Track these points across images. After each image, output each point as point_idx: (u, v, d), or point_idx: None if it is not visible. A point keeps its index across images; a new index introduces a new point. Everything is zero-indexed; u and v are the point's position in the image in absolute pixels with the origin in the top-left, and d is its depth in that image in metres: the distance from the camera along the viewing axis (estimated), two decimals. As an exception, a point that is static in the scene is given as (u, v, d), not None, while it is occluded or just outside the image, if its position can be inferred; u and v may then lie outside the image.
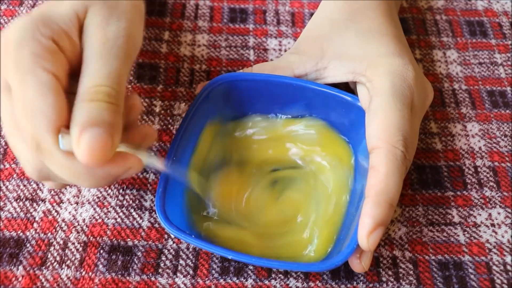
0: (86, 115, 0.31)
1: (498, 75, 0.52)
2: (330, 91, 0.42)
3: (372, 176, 0.36)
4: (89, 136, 0.30)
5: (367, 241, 0.35)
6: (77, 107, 0.31)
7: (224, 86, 0.42)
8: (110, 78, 0.32)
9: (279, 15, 0.55)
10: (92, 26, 0.34)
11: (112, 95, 0.32)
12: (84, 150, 0.30)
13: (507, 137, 0.47)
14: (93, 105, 0.31)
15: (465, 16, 0.56)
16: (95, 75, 0.32)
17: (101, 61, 0.32)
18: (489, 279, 0.40)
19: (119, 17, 0.34)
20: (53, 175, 0.34)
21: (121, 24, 0.34)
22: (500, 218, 0.43)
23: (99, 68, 0.32)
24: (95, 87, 0.31)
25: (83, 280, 0.39)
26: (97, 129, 0.30)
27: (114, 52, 0.33)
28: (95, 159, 0.30)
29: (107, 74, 0.32)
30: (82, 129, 0.30)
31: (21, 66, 0.31)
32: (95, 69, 0.32)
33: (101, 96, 0.31)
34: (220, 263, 0.40)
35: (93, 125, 0.30)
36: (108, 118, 0.31)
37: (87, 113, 0.31)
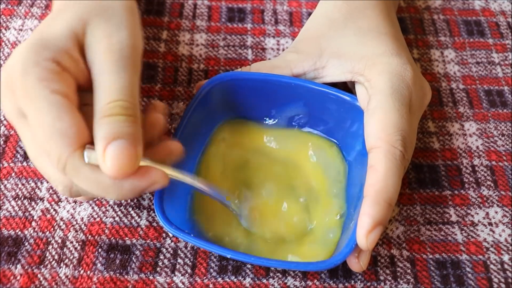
0: (107, 130, 0.32)
1: (496, 75, 0.52)
2: (328, 90, 0.42)
3: (371, 176, 0.36)
4: (113, 149, 0.31)
5: (366, 240, 0.35)
6: (97, 124, 0.32)
7: (222, 85, 0.42)
8: (123, 92, 0.33)
9: (277, 14, 0.55)
10: (94, 42, 0.34)
11: (128, 108, 0.32)
12: (110, 162, 0.31)
13: (504, 136, 0.48)
14: (112, 119, 0.32)
15: (463, 16, 0.56)
16: (108, 91, 0.33)
17: (111, 75, 0.33)
18: (487, 278, 0.40)
19: (119, 27, 0.35)
20: (83, 191, 0.35)
21: (122, 34, 0.34)
22: (498, 217, 0.43)
23: (111, 84, 0.33)
24: (111, 103, 0.32)
25: (81, 278, 0.39)
26: (119, 141, 0.31)
27: (122, 64, 0.33)
28: (121, 170, 0.31)
29: (120, 88, 0.33)
30: (106, 144, 0.31)
31: (31, 93, 0.32)
32: (107, 85, 0.33)
33: (117, 110, 0.32)
34: (218, 261, 0.40)
35: (115, 138, 0.31)
36: (127, 129, 0.32)
37: (108, 128, 0.32)
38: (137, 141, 0.32)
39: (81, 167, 0.32)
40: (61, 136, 0.32)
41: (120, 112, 0.32)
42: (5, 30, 0.51)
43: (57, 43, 0.33)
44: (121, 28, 0.35)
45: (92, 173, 0.32)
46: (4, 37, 0.51)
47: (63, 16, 0.35)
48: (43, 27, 0.35)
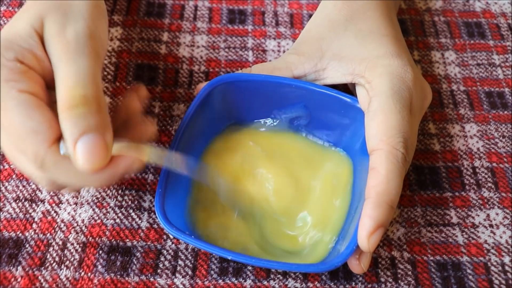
0: (72, 126, 0.32)
1: (496, 76, 0.52)
2: (329, 92, 0.42)
3: (372, 178, 0.36)
4: (82, 145, 0.31)
5: (368, 242, 0.35)
6: (61, 118, 0.32)
7: (223, 87, 0.42)
8: (82, 80, 0.33)
9: (277, 16, 0.55)
10: (51, 35, 0.34)
11: (88, 96, 0.32)
12: (82, 159, 0.31)
13: (505, 138, 0.48)
14: (74, 113, 0.32)
15: (463, 18, 0.56)
16: (66, 79, 0.33)
17: (67, 64, 0.33)
18: (488, 279, 0.40)
19: (76, 19, 0.35)
20: (65, 183, 0.35)
21: (78, 24, 0.35)
22: (498, 219, 0.43)
23: (68, 71, 0.33)
24: (69, 92, 0.32)
25: (82, 280, 0.39)
26: (87, 136, 0.31)
27: (77, 52, 0.33)
28: (95, 163, 0.32)
29: (77, 76, 0.33)
30: (74, 141, 0.31)
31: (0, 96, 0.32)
32: (64, 73, 0.33)
33: (78, 100, 0.32)
34: (219, 263, 0.40)
35: (82, 133, 0.31)
36: (92, 121, 0.32)
37: (72, 123, 0.32)
38: (105, 130, 0.32)
39: (58, 162, 0.32)
40: (33, 134, 0.32)
41: (81, 102, 0.32)
42: (6, 32, 0.51)
43: (20, 42, 0.34)
44: (77, 20, 0.35)
45: (70, 165, 0.32)
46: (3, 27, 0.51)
47: (24, 15, 0.35)
48: (6, 28, 0.36)
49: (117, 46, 0.51)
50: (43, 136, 0.32)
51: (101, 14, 0.38)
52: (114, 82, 0.49)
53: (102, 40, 0.36)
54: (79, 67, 0.33)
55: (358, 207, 0.38)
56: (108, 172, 0.33)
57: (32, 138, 0.32)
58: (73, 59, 0.33)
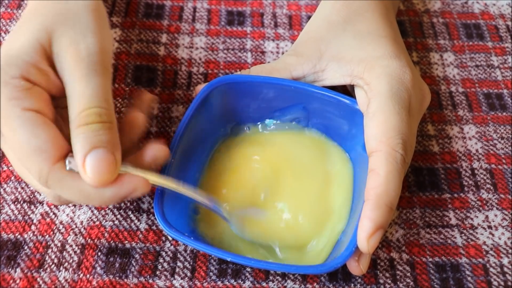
0: (83, 140, 0.32)
1: (495, 78, 0.52)
2: (328, 93, 0.42)
3: (372, 179, 0.36)
4: (91, 159, 0.32)
5: (367, 244, 0.35)
6: (73, 134, 0.32)
7: (222, 89, 0.42)
8: (96, 98, 0.33)
9: (276, 17, 0.55)
10: (61, 51, 0.34)
11: (102, 114, 0.33)
12: (90, 172, 0.32)
13: (504, 139, 0.48)
14: (87, 129, 0.32)
15: (462, 19, 0.57)
16: (81, 99, 0.33)
17: (81, 83, 0.33)
18: (486, 281, 0.40)
19: (85, 33, 0.35)
20: (69, 199, 0.35)
21: (88, 39, 0.35)
22: (497, 220, 0.43)
23: (83, 91, 0.33)
24: (84, 111, 0.32)
25: (80, 282, 0.39)
26: (97, 151, 0.32)
27: (91, 70, 0.34)
28: (102, 178, 0.32)
29: (92, 94, 0.33)
30: (84, 154, 0.32)
31: (3, 114, 0.32)
32: (79, 93, 0.33)
33: (92, 118, 0.32)
34: (218, 265, 0.40)
35: (93, 148, 0.32)
36: (104, 137, 0.32)
37: (84, 138, 0.32)
38: (115, 148, 0.33)
39: (62, 179, 0.33)
40: (37, 153, 0.32)
41: (95, 120, 0.32)
42: (4, 34, 0.51)
43: (24, 57, 0.34)
44: (87, 34, 0.35)
45: (74, 183, 0.33)
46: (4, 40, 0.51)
47: (27, 28, 0.35)
48: (8, 43, 0.35)
49: (115, 48, 0.51)
50: (47, 155, 0.32)
51: (105, 25, 0.38)
52: (113, 84, 0.49)
53: (109, 52, 0.36)
54: (94, 85, 0.33)
55: (358, 209, 0.38)
56: (113, 190, 0.33)
57: (36, 156, 0.32)
58: (88, 76, 0.33)
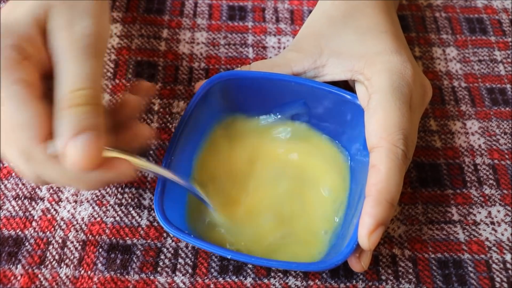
0: (71, 122, 0.31)
1: (498, 73, 0.51)
2: (329, 89, 0.41)
3: (372, 175, 0.36)
4: (77, 142, 0.30)
5: (368, 240, 0.34)
6: (60, 115, 0.31)
7: (223, 84, 0.42)
8: (88, 80, 0.32)
9: (278, 12, 0.55)
10: (56, 29, 0.33)
11: (92, 96, 0.32)
12: (72, 157, 0.31)
13: (507, 134, 0.47)
14: (74, 111, 0.31)
15: (465, 13, 0.56)
16: (71, 78, 0.32)
17: (74, 63, 0.32)
18: (489, 277, 0.40)
19: (82, 16, 0.34)
20: (49, 180, 0.34)
21: (85, 22, 0.34)
22: (500, 216, 0.43)
23: (74, 71, 0.32)
24: (74, 92, 0.31)
25: (82, 279, 0.39)
26: (85, 135, 0.31)
27: (85, 52, 0.33)
28: (84, 164, 0.31)
29: (83, 75, 0.32)
30: (69, 137, 0.30)
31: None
32: (69, 72, 0.32)
33: (82, 99, 0.31)
34: (219, 261, 0.40)
35: (81, 130, 0.31)
36: (92, 121, 0.31)
37: (71, 120, 0.31)
38: (101, 133, 0.32)
39: (44, 160, 0.32)
40: (23, 128, 0.31)
41: (85, 102, 0.31)
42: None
43: (20, 29, 0.33)
44: (84, 16, 0.34)
45: (56, 166, 0.32)
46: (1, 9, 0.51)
47: (25, 3, 0.34)
48: (5, 12, 0.34)
49: (116, 43, 0.51)
50: (32, 132, 0.31)
51: (105, 11, 0.37)
52: (113, 79, 0.48)
53: (105, 37, 0.36)
54: (85, 68, 0.32)
55: (358, 204, 0.37)
56: (97, 175, 0.33)
57: (22, 132, 0.31)
58: (80, 58, 0.32)
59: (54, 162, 0.32)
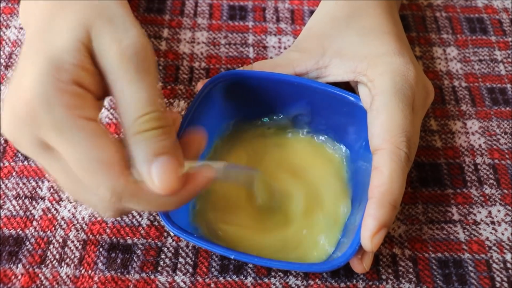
0: (146, 148, 0.30)
1: (498, 72, 0.52)
2: (331, 90, 0.41)
3: (375, 177, 0.36)
4: (157, 168, 0.30)
5: (371, 242, 0.35)
6: (133, 141, 0.30)
7: (224, 84, 0.42)
8: (151, 102, 0.30)
9: (278, 12, 0.55)
10: (104, 48, 0.31)
11: (160, 118, 0.30)
12: (158, 182, 0.30)
13: (507, 134, 0.47)
14: (148, 135, 0.30)
15: (465, 13, 0.56)
16: (135, 103, 0.30)
17: (133, 85, 0.30)
18: (489, 277, 0.40)
19: (124, 28, 0.32)
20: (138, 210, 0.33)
21: (130, 35, 0.31)
22: (500, 216, 0.43)
23: (136, 94, 0.30)
24: (141, 118, 0.30)
25: (82, 278, 0.39)
26: (162, 158, 0.30)
27: (140, 70, 0.31)
28: (172, 186, 0.30)
29: (146, 98, 0.30)
30: (149, 164, 0.30)
31: (60, 125, 0.29)
32: (132, 96, 0.30)
33: (151, 124, 0.30)
34: (220, 261, 0.40)
35: (157, 155, 0.30)
36: (166, 143, 0.30)
37: (146, 146, 0.30)
38: (178, 152, 0.31)
39: (138, 192, 0.31)
40: (108, 167, 0.30)
41: (154, 126, 0.30)
42: (5, 29, 0.51)
43: (70, 60, 0.30)
44: (127, 29, 0.31)
45: (150, 193, 0.31)
46: (5, 35, 0.51)
47: (60, 25, 0.31)
48: (44, 44, 0.31)
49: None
50: (118, 168, 0.30)
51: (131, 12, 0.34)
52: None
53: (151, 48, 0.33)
54: (146, 87, 0.30)
55: (361, 206, 0.37)
56: (185, 192, 0.32)
57: (108, 172, 0.30)
58: (138, 77, 0.30)
59: (147, 191, 0.31)
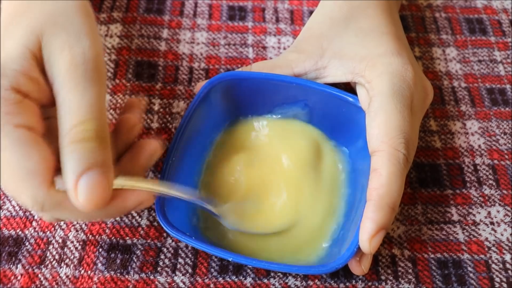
0: (76, 160, 0.29)
1: (498, 73, 0.52)
2: (330, 90, 0.41)
3: (374, 179, 0.36)
4: (84, 183, 0.29)
5: (369, 245, 0.35)
6: (64, 151, 0.30)
7: (224, 85, 0.42)
8: (92, 110, 0.30)
9: (278, 12, 0.55)
10: (53, 55, 0.31)
11: (96, 129, 0.30)
12: (82, 196, 0.29)
13: (506, 135, 0.47)
14: (79, 147, 0.30)
15: (465, 14, 0.56)
16: (74, 111, 0.30)
17: (76, 93, 0.30)
18: (488, 277, 0.40)
19: (78, 36, 0.31)
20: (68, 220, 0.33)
21: (83, 43, 0.31)
22: (499, 216, 0.43)
23: (77, 102, 0.30)
24: (77, 126, 0.30)
25: (82, 278, 0.39)
26: (91, 173, 0.29)
27: (87, 78, 0.30)
28: (96, 202, 0.30)
29: (87, 107, 0.30)
30: (76, 176, 0.29)
31: None
32: (72, 104, 0.30)
33: (86, 134, 0.30)
34: (219, 261, 0.40)
35: (86, 169, 0.29)
36: (98, 157, 0.30)
37: (77, 157, 0.29)
38: (109, 168, 0.30)
39: (60, 203, 0.30)
40: (31, 176, 0.29)
41: (89, 137, 0.30)
42: None
43: (14, 66, 0.30)
44: (81, 37, 0.31)
45: (71, 205, 0.30)
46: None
47: (13, 33, 0.32)
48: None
49: (116, 43, 0.51)
50: (41, 178, 0.30)
51: (95, 26, 0.34)
52: (113, 80, 0.48)
53: (103, 58, 0.33)
54: (89, 98, 0.30)
55: (359, 208, 0.37)
56: (113, 209, 0.32)
57: (30, 181, 0.30)
58: (83, 87, 0.30)
59: (69, 203, 0.30)
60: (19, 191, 0.30)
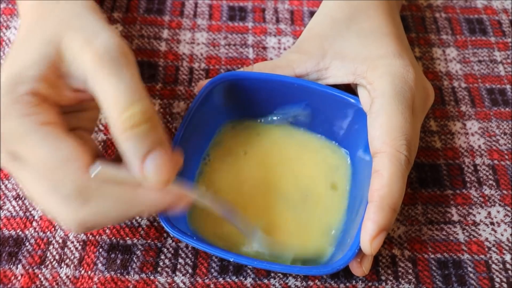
0: (136, 145, 0.30)
1: (498, 73, 0.52)
2: (331, 91, 0.41)
3: (375, 181, 0.36)
4: (151, 163, 0.30)
5: (370, 246, 0.35)
6: (121, 140, 0.30)
7: (224, 85, 0.42)
8: (131, 94, 0.30)
9: (278, 13, 0.55)
10: (77, 55, 0.31)
11: (143, 111, 0.30)
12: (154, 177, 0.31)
13: (506, 135, 0.47)
14: (135, 133, 0.30)
15: (465, 14, 0.56)
16: (116, 98, 0.30)
17: (111, 80, 0.30)
18: (489, 277, 0.40)
19: (96, 31, 0.32)
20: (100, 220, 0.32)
21: (102, 35, 0.32)
22: (500, 217, 0.43)
23: (116, 88, 0.30)
24: (123, 113, 0.30)
25: (82, 279, 0.39)
26: (154, 154, 0.30)
27: (116, 64, 0.31)
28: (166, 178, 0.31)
29: (125, 91, 0.30)
30: (141, 161, 0.30)
31: (20, 132, 0.31)
32: (111, 91, 0.30)
33: (135, 119, 0.30)
34: (219, 261, 0.40)
35: (149, 151, 0.30)
36: (155, 138, 0.31)
37: (136, 143, 0.30)
38: (166, 144, 0.31)
39: (102, 187, 0.31)
40: (68, 162, 0.30)
41: (139, 121, 0.30)
42: (5, 30, 0.51)
43: (30, 73, 0.31)
44: (98, 32, 0.32)
45: (115, 190, 0.31)
46: (5, 36, 0.51)
47: (29, 43, 0.33)
48: (10, 61, 0.33)
49: (117, 43, 0.51)
50: (79, 162, 0.30)
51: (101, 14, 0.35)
52: (114, 80, 0.48)
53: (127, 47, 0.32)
54: (125, 82, 0.30)
55: (360, 209, 0.37)
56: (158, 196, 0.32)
57: (68, 166, 0.30)
58: (114, 74, 0.30)
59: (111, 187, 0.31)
60: (59, 180, 0.31)
